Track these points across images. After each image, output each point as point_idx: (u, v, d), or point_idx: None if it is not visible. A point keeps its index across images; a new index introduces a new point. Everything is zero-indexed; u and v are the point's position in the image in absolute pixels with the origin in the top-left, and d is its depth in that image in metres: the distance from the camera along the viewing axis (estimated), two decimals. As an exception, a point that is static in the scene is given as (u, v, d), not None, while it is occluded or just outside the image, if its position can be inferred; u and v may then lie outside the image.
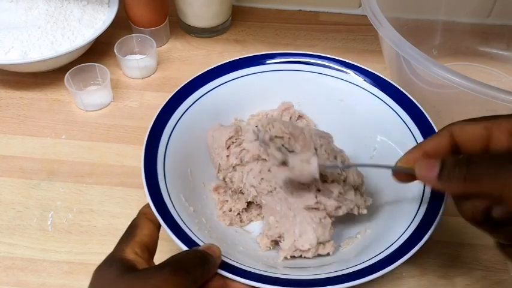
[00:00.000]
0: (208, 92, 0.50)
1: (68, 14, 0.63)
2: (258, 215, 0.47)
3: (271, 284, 0.36)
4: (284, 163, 0.41)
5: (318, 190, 0.43)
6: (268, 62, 0.53)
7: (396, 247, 0.38)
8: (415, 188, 0.42)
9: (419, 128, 0.47)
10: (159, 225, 0.38)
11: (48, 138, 0.56)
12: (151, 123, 0.46)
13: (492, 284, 0.45)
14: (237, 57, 0.52)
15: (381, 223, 0.44)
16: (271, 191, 0.44)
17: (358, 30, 0.70)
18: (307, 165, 0.40)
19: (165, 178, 0.43)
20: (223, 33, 0.70)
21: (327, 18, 0.73)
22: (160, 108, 0.47)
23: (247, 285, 0.36)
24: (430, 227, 0.38)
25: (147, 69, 0.63)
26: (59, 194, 0.51)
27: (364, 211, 0.43)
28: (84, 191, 0.51)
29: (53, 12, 0.62)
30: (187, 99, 0.49)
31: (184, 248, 0.37)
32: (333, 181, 0.44)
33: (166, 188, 0.42)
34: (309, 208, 0.42)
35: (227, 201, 0.47)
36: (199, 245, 0.38)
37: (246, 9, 0.73)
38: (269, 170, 0.45)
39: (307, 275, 0.38)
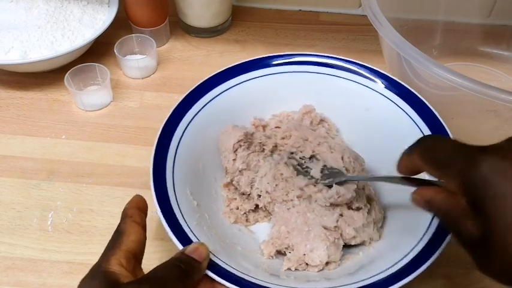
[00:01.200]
0: (228, 89, 0.50)
1: (68, 14, 0.63)
2: (265, 217, 0.47)
3: None
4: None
5: (341, 215, 0.43)
6: (293, 60, 0.52)
7: (400, 266, 0.37)
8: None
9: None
10: (145, 227, 0.38)
11: (48, 138, 0.56)
12: (168, 115, 0.46)
13: (492, 284, 0.45)
14: (261, 56, 0.52)
15: (385, 242, 0.43)
16: (286, 201, 0.44)
17: (358, 30, 0.70)
18: (345, 191, 0.41)
19: (173, 170, 0.43)
20: (223, 33, 0.70)
21: (327, 18, 0.73)
22: (179, 102, 0.47)
23: None
24: (433, 254, 0.38)
25: (147, 69, 0.63)
26: (59, 194, 0.51)
27: (374, 245, 0.43)
28: (84, 191, 0.51)
29: (53, 12, 0.62)
30: (206, 95, 0.49)
31: (176, 241, 0.37)
32: (358, 209, 0.44)
33: (173, 179, 0.42)
34: (326, 227, 0.42)
35: (235, 199, 0.47)
36: (191, 241, 0.38)
37: (246, 9, 0.73)
38: (285, 179, 0.45)
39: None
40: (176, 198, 0.41)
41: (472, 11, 0.65)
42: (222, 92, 0.50)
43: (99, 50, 0.64)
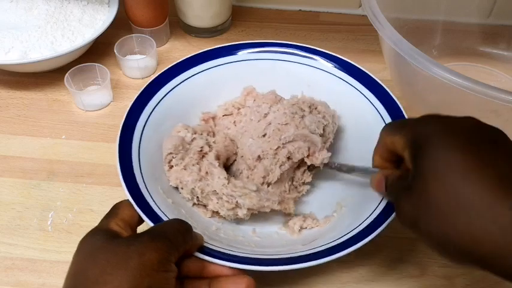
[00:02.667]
0: (178, 84, 0.51)
1: (68, 14, 0.63)
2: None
3: (251, 264, 0.37)
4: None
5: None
6: (235, 52, 0.54)
7: (369, 222, 0.40)
8: None
9: (386, 108, 0.49)
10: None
11: (48, 138, 0.56)
12: (123, 119, 0.46)
13: (492, 284, 0.45)
14: (203, 50, 0.54)
15: (356, 200, 0.45)
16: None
17: (358, 30, 0.70)
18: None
19: (141, 172, 0.44)
20: (223, 33, 0.70)
21: (327, 18, 0.73)
22: (131, 104, 0.48)
23: (226, 266, 0.37)
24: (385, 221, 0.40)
25: (147, 70, 0.63)
26: (59, 194, 0.51)
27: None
28: (84, 191, 0.51)
29: (53, 12, 0.62)
30: (157, 93, 0.50)
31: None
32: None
33: (144, 181, 0.43)
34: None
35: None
36: None
37: (246, 9, 0.73)
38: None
39: (289, 253, 0.39)
40: (153, 199, 0.42)
41: (472, 11, 0.65)
42: (168, 92, 0.51)
43: (99, 50, 0.64)
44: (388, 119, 0.48)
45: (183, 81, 0.52)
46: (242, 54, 0.54)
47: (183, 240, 0.35)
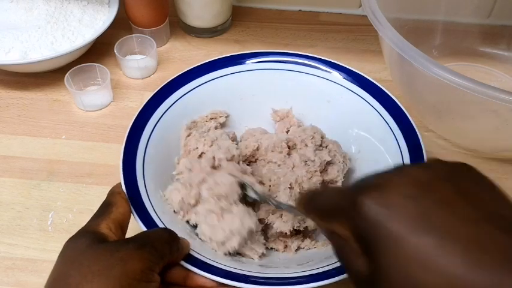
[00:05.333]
0: (188, 92, 0.51)
1: (68, 14, 0.63)
2: None
3: (237, 280, 0.36)
4: None
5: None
6: (247, 61, 0.53)
7: None
8: None
9: (400, 129, 0.47)
10: (129, 204, 0.39)
11: (48, 139, 0.56)
12: (132, 121, 0.46)
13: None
14: (216, 57, 0.53)
15: None
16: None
17: (358, 30, 0.70)
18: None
19: (143, 173, 0.43)
20: (223, 34, 0.70)
21: (327, 18, 0.73)
22: (142, 106, 0.48)
23: (209, 279, 0.37)
24: None
25: (147, 70, 0.63)
26: (59, 194, 0.51)
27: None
28: (84, 191, 0.51)
29: (53, 12, 0.62)
30: (170, 97, 0.49)
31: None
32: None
33: (144, 182, 0.42)
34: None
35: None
36: None
37: (246, 9, 0.73)
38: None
39: (282, 273, 0.38)
40: (150, 201, 0.41)
41: (472, 11, 0.65)
42: (188, 92, 0.50)
43: (99, 50, 0.64)
44: (406, 150, 0.45)
45: (194, 88, 0.51)
46: (259, 62, 0.53)
47: (169, 251, 0.35)
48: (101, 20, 0.63)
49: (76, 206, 0.50)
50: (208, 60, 0.52)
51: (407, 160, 0.44)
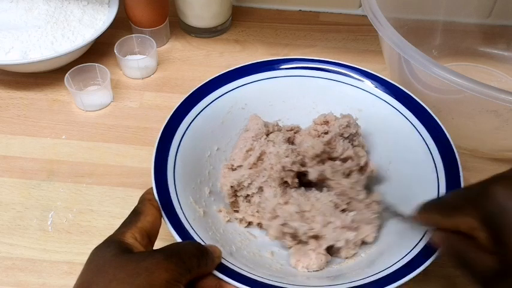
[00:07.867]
0: (221, 95, 0.50)
1: (68, 14, 0.63)
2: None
3: None
4: None
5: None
6: (282, 67, 0.52)
7: (401, 265, 0.38)
8: None
9: (435, 142, 0.46)
10: (161, 213, 0.39)
11: (48, 139, 0.56)
12: (165, 123, 0.45)
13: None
14: (248, 62, 0.52)
15: (386, 241, 0.43)
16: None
17: (358, 30, 0.70)
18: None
19: (174, 180, 0.42)
20: (223, 34, 0.70)
21: (327, 18, 0.73)
22: (174, 109, 0.47)
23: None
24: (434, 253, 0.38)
25: (147, 70, 0.63)
26: (59, 194, 0.51)
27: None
28: (84, 191, 0.51)
29: (53, 12, 0.62)
30: (202, 100, 0.49)
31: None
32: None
33: (175, 188, 0.42)
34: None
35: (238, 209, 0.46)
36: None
37: (246, 10, 0.73)
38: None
39: (308, 285, 0.38)
40: (180, 205, 0.41)
41: (472, 11, 0.65)
42: (222, 95, 0.50)
43: (99, 50, 0.64)
44: (440, 161, 0.44)
45: (227, 92, 0.50)
46: (291, 69, 0.53)
47: (197, 265, 0.34)
48: (101, 20, 0.63)
49: (76, 206, 0.50)
50: (240, 66, 0.51)
51: (440, 171, 0.43)
